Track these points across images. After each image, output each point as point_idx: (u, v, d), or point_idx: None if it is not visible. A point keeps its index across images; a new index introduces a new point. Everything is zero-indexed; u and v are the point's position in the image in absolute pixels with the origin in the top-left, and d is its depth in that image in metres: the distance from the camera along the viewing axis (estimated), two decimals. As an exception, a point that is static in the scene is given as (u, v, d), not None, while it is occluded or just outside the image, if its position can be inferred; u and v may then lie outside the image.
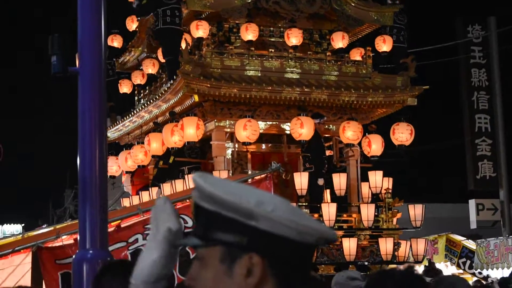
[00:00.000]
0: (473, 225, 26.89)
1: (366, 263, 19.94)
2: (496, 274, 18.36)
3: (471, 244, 22.26)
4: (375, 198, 22.42)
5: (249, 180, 12.35)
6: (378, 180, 22.29)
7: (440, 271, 19.31)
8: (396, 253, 21.37)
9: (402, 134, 22.08)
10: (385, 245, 21.13)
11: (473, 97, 26.96)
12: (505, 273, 17.71)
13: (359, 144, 22.35)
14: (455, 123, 27.26)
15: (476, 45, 26.95)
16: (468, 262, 20.75)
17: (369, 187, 22.74)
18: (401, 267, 4.56)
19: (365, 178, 22.99)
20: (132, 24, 24.47)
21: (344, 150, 23.18)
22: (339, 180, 21.63)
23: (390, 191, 22.68)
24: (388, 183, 22.81)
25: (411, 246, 22.05)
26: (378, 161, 23.06)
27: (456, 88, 27.90)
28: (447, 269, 21.66)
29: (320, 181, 20.85)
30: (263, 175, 12.84)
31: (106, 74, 7.07)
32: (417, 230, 24.80)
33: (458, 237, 22.75)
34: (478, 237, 24.14)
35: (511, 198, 27.09)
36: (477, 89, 26.93)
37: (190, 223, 10.39)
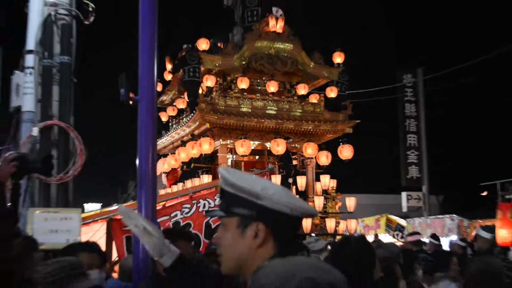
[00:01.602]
0: (404, 209, 32.00)
1: (317, 235, 22.90)
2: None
3: (402, 222, 26.26)
4: (324, 192, 27.21)
5: (254, 175, 16.19)
6: (326, 181, 27.29)
7: (381, 240, 20.48)
8: (337, 228, 26.02)
9: (346, 153, 27.11)
10: (330, 223, 26.00)
11: (406, 123, 32.57)
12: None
13: (315, 157, 27.30)
14: (395, 140, 33.16)
15: (409, 88, 32.67)
16: (400, 234, 24.61)
17: (321, 185, 27.51)
18: (355, 235, 9.68)
19: (318, 179, 27.66)
20: (168, 75, 28.59)
21: (305, 161, 27.98)
22: (301, 180, 26.61)
23: (335, 188, 27.75)
24: (334, 183, 27.72)
25: (346, 224, 26.44)
26: (326, 168, 27.41)
27: (396, 117, 32.83)
28: (386, 237, 25.24)
29: (289, 180, 25.70)
30: (263, 172, 15.71)
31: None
32: (368, 211, 30.40)
33: (394, 217, 26.85)
34: (407, 217, 28.39)
35: (429, 192, 32.24)
36: (409, 118, 32.61)
37: (212, 204, 12.12)
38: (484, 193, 33.26)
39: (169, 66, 29.27)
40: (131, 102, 6.44)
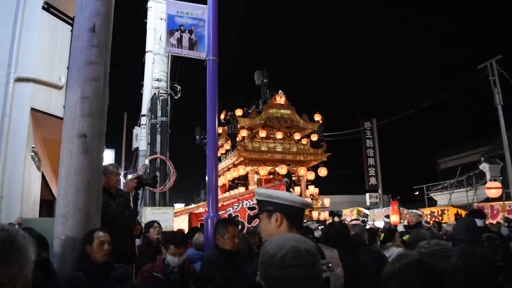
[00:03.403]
0: (368, 204, 30.38)
1: (307, 221, 23.24)
2: (378, 224, 19.68)
3: (367, 211, 25.30)
4: (311, 196, 26.97)
5: (273, 187, 13.75)
6: (312, 189, 27.26)
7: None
8: (319, 217, 25.43)
9: (323, 172, 26.55)
10: (314, 214, 25.71)
11: (367, 151, 31.20)
12: (381, 224, 18.60)
13: (305, 175, 27.11)
14: (360, 162, 32.23)
15: (368, 130, 31.34)
16: (365, 219, 22.39)
17: (309, 192, 27.28)
18: (336, 220, 8.94)
19: (307, 188, 27.41)
20: (219, 130, 26.21)
21: (299, 177, 27.47)
22: (297, 189, 26.43)
23: (317, 193, 27.61)
24: (316, 190, 27.52)
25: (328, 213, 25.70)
26: (312, 181, 27.43)
27: (360, 148, 31.88)
28: (357, 222, 24.02)
29: (291, 190, 23.96)
30: (281, 184, 15.55)
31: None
32: (345, 205, 29.70)
33: (361, 209, 25.75)
34: (370, 209, 27.38)
35: (383, 192, 31.19)
36: (368, 148, 31.26)
37: (251, 202, 11.79)
38: (416, 193, 33.21)
39: (220, 126, 28.28)
40: (202, 143, 6.48)
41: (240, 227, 6.78)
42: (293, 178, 27.18)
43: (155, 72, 9.47)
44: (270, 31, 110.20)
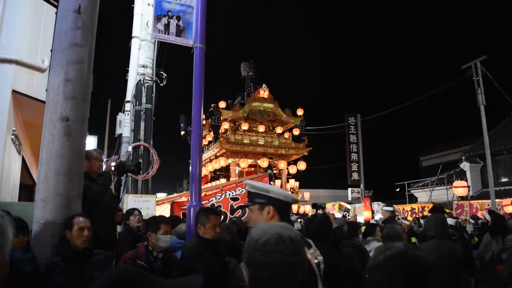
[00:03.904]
0: (349, 199, 30.24)
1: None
2: (360, 219, 19.60)
3: (348, 206, 24.89)
4: (292, 189, 26.79)
5: (259, 180, 12.68)
6: (292, 182, 27.36)
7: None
8: (298, 210, 25.20)
9: (302, 166, 26.96)
10: (294, 207, 24.15)
11: (351, 146, 31.11)
12: (361, 219, 19.16)
13: (286, 168, 27.39)
14: (343, 157, 31.94)
15: (352, 125, 31.33)
16: (347, 213, 22.67)
17: (289, 185, 27.31)
18: (319, 212, 9.07)
19: (288, 181, 27.56)
20: (203, 121, 30.16)
21: (280, 170, 27.55)
22: (278, 182, 26.35)
23: (298, 186, 27.72)
24: (297, 184, 27.77)
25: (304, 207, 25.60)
26: (294, 175, 27.59)
27: (344, 143, 31.85)
28: (338, 215, 21.01)
29: (271, 183, 20.95)
30: (265, 175, 15.13)
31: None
32: (327, 200, 30.01)
33: (343, 203, 25.42)
34: (351, 203, 26.97)
35: (365, 188, 31.09)
36: (352, 143, 31.11)
37: (234, 193, 11.83)
38: (397, 189, 33.61)
39: (203, 116, 28.48)
40: (186, 131, 6.60)
41: (222, 217, 6.75)
42: (274, 171, 27.01)
43: (141, 59, 9.36)
44: (258, 23, 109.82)
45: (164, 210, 11.30)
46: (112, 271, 1.46)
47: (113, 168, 5.66)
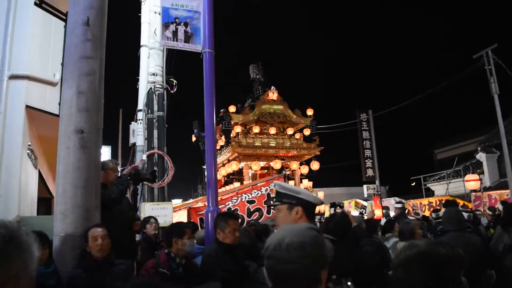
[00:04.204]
0: (365, 195, 29.41)
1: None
2: (378, 214, 19.59)
3: (364, 203, 25.13)
4: (305, 189, 28.99)
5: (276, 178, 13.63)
6: (305, 183, 27.14)
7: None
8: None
9: (315, 166, 26.75)
10: None
11: (364, 143, 30.32)
12: (379, 214, 19.02)
13: (298, 169, 27.20)
14: (357, 153, 30.82)
15: (364, 121, 30.62)
16: (364, 210, 23.07)
17: (303, 185, 26.64)
18: (339, 210, 9.00)
19: (301, 181, 27.38)
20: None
21: (293, 171, 27.35)
22: (291, 183, 24.65)
23: (312, 186, 27.48)
24: (310, 183, 27.55)
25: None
26: (306, 175, 27.49)
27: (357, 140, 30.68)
28: (354, 212, 22.45)
29: (287, 182, 25.83)
30: (280, 176, 14.99)
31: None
32: (343, 197, 29.23)
33: (359, 200, 25.76)
34: (368, 200, 26.77)
35: (380, 184, 30.34)
36: (365, 140, 30.42)
37: (250, 196, 11.89)
38: (413, 184, 33.93)
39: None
40: (197, 137, 6.48)
41: (240, 220, 6.75)
42: (287, 172, 26.74)
43: (151, 67, 9.40)
44: (259, 24, 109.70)
45: (181, 217, 11.26)
46: (134, 283, 1.45)
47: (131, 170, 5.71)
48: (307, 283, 1.74)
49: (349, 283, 2.53)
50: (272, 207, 2.78)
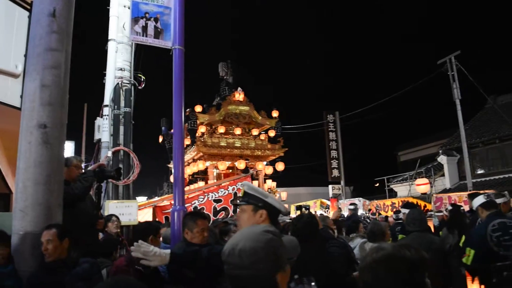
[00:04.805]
0: (330, 196, 30.08)
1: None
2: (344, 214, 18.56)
3: (329, 203, 24.86)
4: (269, 190, 26.67)
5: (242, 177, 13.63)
6: (269, 183, 27.27)
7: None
8: None
9: (281, 166, 26.81)
10: None
11: (330, 144, 31.56)
12: (345, 213, 18.08)
13: (263, 169, 27.16)
14: (323, 154, 32.39)
15: (331, 123, 31.69)
16: (327, 210, 23.17)
17: (267, 185, 27.13)
18: (306, 212, 8.14)
19: (265, 182, 27.42)
20: None
21: (257, 172, 27.20)
22: (255, 183, 25.19)
23: (276, 186, 27.73)
24: (274, 184, 27.79)
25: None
26: (272, 175, 27.57)
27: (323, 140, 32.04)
28: (320, 212, 22.71)
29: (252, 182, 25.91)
30: (247, 175, 14.45)
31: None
32: (308, 197, 29.97)
33: (324, 200, 25.26)
34: (334, 199, 26.56)
35: (345, 184, 31.62)
36: (331, 141, 31.56)
37: (216, 195, 11.83)
38: (377, 184, 34.35)
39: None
40: (164, 136, 6.34)
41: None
42: (252, 171, 26.97)
43: (118, 62, 9.15)
44: (232, 24, 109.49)
45: (146, 215, 11.12)
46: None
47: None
48: (262, 287, 1.74)
49: (312, 283, 2.46)
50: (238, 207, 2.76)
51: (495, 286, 5.09)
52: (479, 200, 5.82)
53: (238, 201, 3.35)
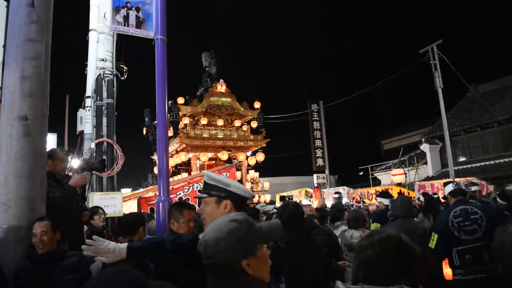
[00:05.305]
0: (315, 185, 30.04)
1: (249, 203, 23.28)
2: (328, 203, 18.20)
3: (313, 191, 24.94)
4: (252, 180, 27.32)
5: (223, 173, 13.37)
6: (252, 173, 27.52)
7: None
8: (259, 199, 24.94)
9: (261, 157, 26.94)
10: (256, 198, 24.42)
11: (314, 133, 31.64)
12: (329, 204, 17.69)
13: (246, 160, 27.34)
14: (308, 144, 32.50)
15: (315, 112, 31.77)
16: (312, 199, 23.10)
17: (249, 176, 27.54)
18: (291, 202, 6.91)
19: (247, 172, 27.59)
20: None
21: (240, 162, 27.04)
22: (238, 174, 24.41)
23: (258, 177, 27.93)
24: (257, 174, 27.95)
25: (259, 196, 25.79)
26: (254, 166, 27.68)
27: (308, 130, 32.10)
28: (305, 201, 21.91)
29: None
30: (231, 166, 14.78)
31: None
32: (293, 187, 30.35)
33: (309, 189, 26.00)
34: (317, 189, 25.77)
35: (330, 173, 31.79)
36: (315, 130, 31.64)
37: (201, 186, 14.52)
38: (361, 173, 34.54)
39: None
40: (147, 128, 6.30)
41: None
42: (236, 163, 27.13)
43: (100, 52, 9.06)
44: (215, 16, 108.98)
45: (131, 207, 11.17)
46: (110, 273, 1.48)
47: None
48: (230, 274, 1.83)
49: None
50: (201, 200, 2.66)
51: (458, 268, 5.43)
52: (448, 188, 6.11)
53: (199, 193, 3.28)
